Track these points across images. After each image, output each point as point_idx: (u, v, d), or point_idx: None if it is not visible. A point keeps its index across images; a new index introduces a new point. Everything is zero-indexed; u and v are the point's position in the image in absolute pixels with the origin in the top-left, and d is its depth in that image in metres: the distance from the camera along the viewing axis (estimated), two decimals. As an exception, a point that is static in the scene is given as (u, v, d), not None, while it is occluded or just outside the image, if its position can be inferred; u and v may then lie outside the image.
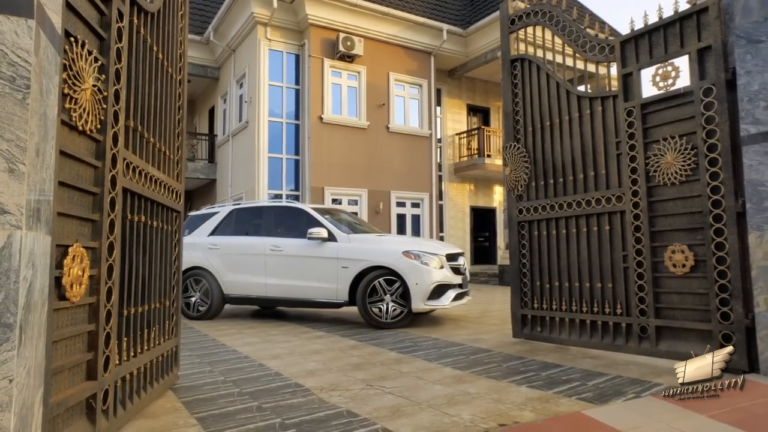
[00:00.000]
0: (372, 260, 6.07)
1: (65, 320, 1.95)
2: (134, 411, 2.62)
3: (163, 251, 3.16)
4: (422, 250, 6.11)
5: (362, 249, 6.25)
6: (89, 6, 2.16)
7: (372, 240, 6.50)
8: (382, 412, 2.75)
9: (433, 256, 6.06)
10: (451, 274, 6.14)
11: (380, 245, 6.29)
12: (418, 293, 5.83)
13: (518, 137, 5.04)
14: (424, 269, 5.90)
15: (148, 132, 2.88)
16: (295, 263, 6.53)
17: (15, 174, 1.36)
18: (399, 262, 5.94)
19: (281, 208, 7.24)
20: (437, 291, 5.95)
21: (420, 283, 5.84)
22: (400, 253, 5.99)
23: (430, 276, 5.88)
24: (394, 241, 6.50)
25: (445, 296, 5.99)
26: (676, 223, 3.84)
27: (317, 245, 6.40)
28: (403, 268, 5.91)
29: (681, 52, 3.83)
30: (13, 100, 1.36)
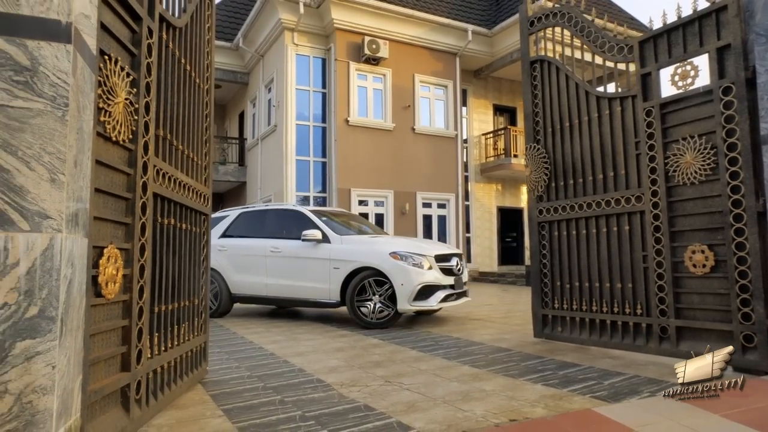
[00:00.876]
0: (361, 261, 6.20)
1: (101, 315, 2.13)
2: (165, 402, 2.80)
3: (191, 252, 3.35)
4: (409, 251, 6.15)
5: (352, 250, 6.38)
6: (122, 25, 2.34)
7: (363, 241, 6.61)
8: (398, 407, 2.86)
9: (421, 257, 6.10)
10: (440, 275, 6.17)
11: (370, 246, 6.39)
12: (404, 294, 5.90)
13: (538, 138, 5.07)
14: (410, 270, 5.96)
15: (177, 140, 3.06)
16: (292, 264, 6.73)
17: (56, 183, 1.53)
18: (385, 263, 6.04)
19: (282, 211, 7.47)
20: (424, 292, 5.99)
21: (405, 283, 5.91)
22: (387, 254, 6.08)
23: (416, 277, 5.93)
24: (385, 242, 6.51)
25: (433, 297, 6.02)
26: (696, 223, 3.82)
27: (312, 246, 6.58)
28: (389, 269, 6.00)
29: (700, 51, 3.81)
30: (54, 117, 1.53)
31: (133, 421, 2.36)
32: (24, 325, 1.45)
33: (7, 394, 1.42)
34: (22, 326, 1.45)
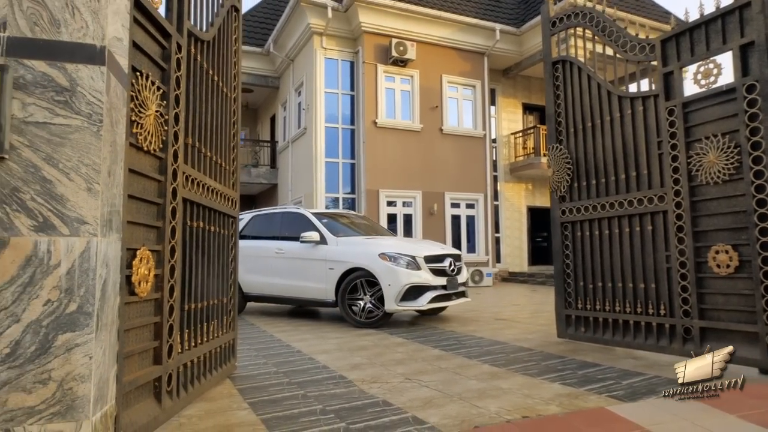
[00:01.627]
0: (353, 262, 6.36)
1: (134, 312, 2.30)
2: (195, 394, 2.98)
3: (220, 253, 3.52)
4: (398, 252, 6.24)
5: (346, 251, 6.55)
6: (153, 43, 2.52)
7: (357, 242, 6.75)
8: (416, 402, 2.96)
9: (409, 258, 6.18)
10: (430, 276, 6.22)
11: (362, 248, 6.52)
12: (391, 294, 5.99)
13: (560, 139, 5.07)
14: (397, 271, 6.06)
15: (205, 147, 3.24)
16: (293, 264, 6.98)
17: (92, 192, 1.69)
18: (374, 263, 6.16)
19: (287, 214, 7.72)
20: (412, 292, 6.06)
21: (393, 284, 6.00)
22: (376, 255, 6.20)
23: (403, 277, 6.01)
24: (377, 243, 6.61)
25: (422, 298, 6.08)
26: (719, 223, 3.78)
27: (311, 248, 6.81)
28: (378, 270, 6.12)
29: (723, 48, 3.77)
30: (90, 132, 1.69)
31: (165, 411, 2.53)
32: (65, 319, 1.62)
33: (50, 381, 1.58)
34: (63, 320, 1.62)
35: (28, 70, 1.65)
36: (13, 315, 1.57)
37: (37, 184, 1.63)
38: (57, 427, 1.57)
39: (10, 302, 1.57)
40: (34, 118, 1.65)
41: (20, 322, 1.58)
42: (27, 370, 1.57)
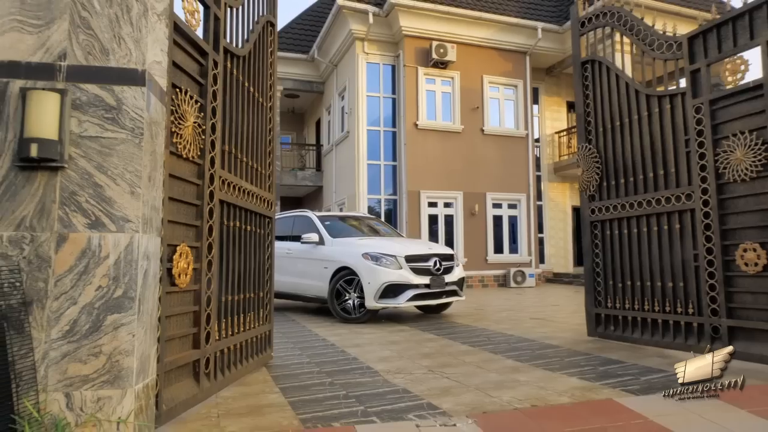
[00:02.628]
0: (341, 261, 6.74)
1: (175, 301, 2.60)
2: (231, 378, 3.27)
3: (256, 251, 3.82)
4: (380, 251, 6.50)
5: (338, 251, 6.93)
6: (191, 61, 2.82)
7: (348, 243, 7.07)
8: (433, 391, 3.13)
9: (390, 257, 6.42)
10: (410, 275, 6.42)
11: (350, 248, 6.85)
12: (370, 292, 6.28)
13: (590, 138, 5.10)
14: (376, 269, 6.33)
15: (241, 153, 3.54)
16: (298, 264, 7.39)
17: (135, 195, 1.98)
18: (358, 262, 6.50)
19: (298, 217, 8.17)
20: (391, 290, 6.30)
21: (372, 282, 6.29)
22: (360, 255, 6.51)
23: (381, 276, 6.28)
24: (365, 243, 6.95)
25: (402, 296, 6.32)
26: (747, 221, 3.74)
27: (312, 248, 7.26)
28: (360, 269, 6.45)
29: (751, 44, 3.73)
30: (133, 144, 1.99)
31: (203, 390, 2.83)
32: (112, 302, 1.91)
33: (101, 354, 1.88)
34: (111, 303, 1.91)
35: (83, 93, 1.96)
36: (71, 298, 1.88)
37: (90, 188, 1.93)
38: (106, 393, 1.87)
39: (69, 287, 1.88)
40: (87, 133, 1.95)
41: (77, 304, 1.88)
42: (82, 344, 1.87)
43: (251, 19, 3.82)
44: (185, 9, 2.75)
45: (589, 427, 2.42)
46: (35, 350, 1.83)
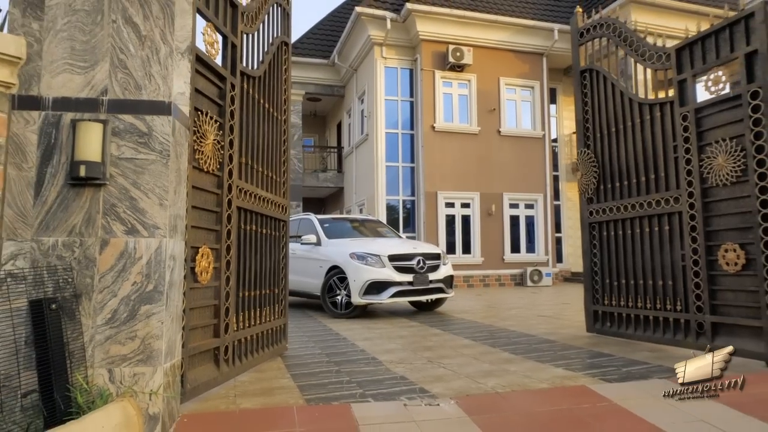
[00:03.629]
0: (333, 261, 7.25)
1: (198, 296, 3.01)
2: (248, 365, 3.67)
3: (271, 251, 4.22)
4: (365, 251, 6.97)
5: (331, 251, 7.45)
6: (211, 86, 3.22)
7: (340, 243, 7.56)
8: (428, 378, 3.47)
9: (374, 256, 6.88)
10: (393, 273, 6.86)
11: (341, 248, 7.33)
12: (355, 288, 6.78)
13: (588, 143, 5.35)
14: (361, 268, 6.82)
15: (257, 163, 3.93)
16: (300, 263, 7.81)
17: (163, 206, 2.38)
18: (345, 262, 7.01)
19: (302, 219, 8.75)
20: (375, 287, 6.76)
21: (357, 279, 6.78)
22: (347, 254, 7.01)
23: (365, 274, 6.76)
24: (354, 244, 7.47)
25: (385, 293, 6.79)
26: (728, 223, 3.97)
27: (311, 248, 7.80)
28: (347, 267, 6.96)
29: (731, 56, 3.95)
30: (161, 164, 2.39)
31: (222, 374, 3.23)
32: (146, 295, 2.32)
33: (136, 337, 2.28)
34: (144, 296, 2.31)
35: (120, 122, 2.37)
36: (112, 292, 2.29)
37: (127, 201, 2.34)
38: (141, 370, 2.27)
39: (110, 283, 2.29)
40: (124, 155, 2.36)
41: (117, 297, 2.29)
42: (121, 329, 2.28)
43: (266, 41, 4.21)
44: (205, 41, 3.15)
45: (556, 408, 2.73)
46: (84, 334, 2.24)
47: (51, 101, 2.33)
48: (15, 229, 2.25)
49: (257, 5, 3.92)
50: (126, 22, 2.41)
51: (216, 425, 2.51)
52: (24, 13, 2.35)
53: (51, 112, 2.32)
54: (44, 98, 2.33)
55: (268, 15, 4.24)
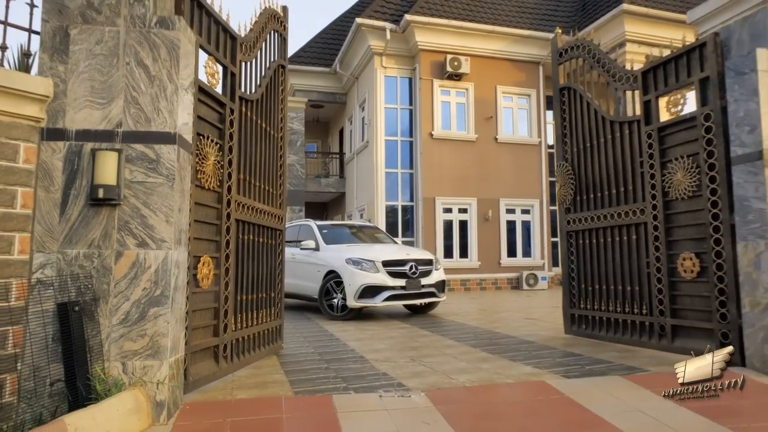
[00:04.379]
0: (330, 265, 7.67)
1: (199, 300, 3.39)
2: (245, 362, 4.05)
3: (268, 258, 4.60)
4: (361, 257, 7.35)
5: (329, 256, 7.86)
6: (212, 111, 3.62)
7: (338, 249, 7.96)
8: (407, 375, 3.84)
9: (369, 262, 7.29)
10: (387, 278, 7.26)
11: (338, 253, 7.74)
12: (351, 292, 7.19)
13: (566, 157, 5.71)
14: (356, 273, 7.22)
15: (255, 179, 4.32)
16: (299, 267, 8.26)
17: (169, 222, 2.77)
18: (342, 267, 7.43)
19: (302, 225, 9.19)
20: (369, 291, 7.17)
21: (352, 284, 7.20)
22: (344, 260, 7.43)
23: (359, 278, 7.18)
24: (350, 249, 7.85)
25: (378, 296, 7.20)
26: (686, 234, 4.32)
27: (310, 253, 8.20)
28: (343, 272, 7.37)
29: (687, 81, 4.31)
30: (167, 186, 2.78)
31: (221, 369, 3.62)
32: (154, 299, 2.70)
33: (146, 335, 2.67)
34: (153, 300, 2.70)
35: (133, 150, 2.76)
36: (125, 296, 2.68)
37: (138, 218, 2.73)
38: (149, 363, 2.65)
39: (123, 288, 2.68)
40: (136, 179, 2.75)
41: (129, 300, 2.68)
42: (133, 329, 2.66)
43: (264, 65, 4.61)
44: (207, 72, 3.55)
45: (513, 400, 3.09)
46: (101, 332, 2.63)
47: (74, 133, 2.73)
48: (43, 242, 2.65)
49: (255, 35, 4.31)
50: (138, 64, 2.81)
51: (213, 412, 2.90)
52: (52, 58, 2.75)
53: (74, 142, 2.72)
54: (68, 130, 2.73)
55: (266, 42, 4.63)
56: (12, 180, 2.60)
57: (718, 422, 2.67)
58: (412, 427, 2.65)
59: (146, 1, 2.85)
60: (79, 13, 2.80)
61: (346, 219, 17.16)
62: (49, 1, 2.78)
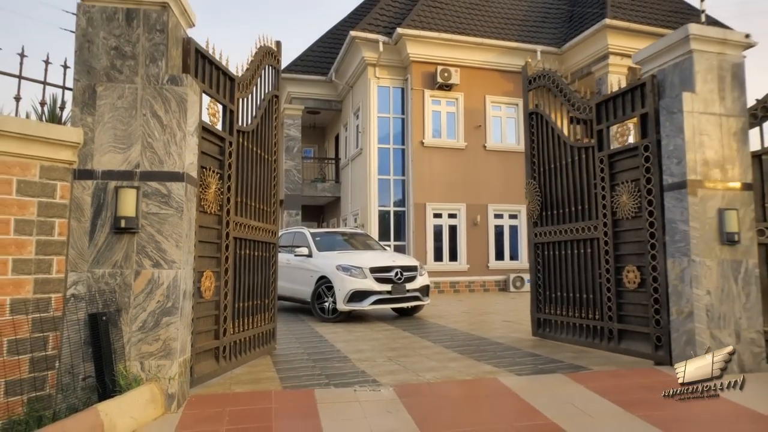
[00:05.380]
0: (321, 271, 8.31)
1: (202, 308, 3.98)
2: (242, 361, 4.64)
3: (262, 269, 5.19)
4: (350, 264, 7.95)
5: (321, 263, 8.49)
6: (213, 146, 4.20)
7: (329, 256, 8.59)
8: (382, 372, 4.43)
9: (357, 268, 7.90)
10: (374, 284, 7.87)
11: (329, 260, 8.36)
12: (340, 297, 7.84)
13: (534, 176, 6.30)
14: (345, 278, 7.85)
15: (250, 200, 4.90)
16: (294, 272, 8.88)
17: (178, 246, 3.36)
18: (332, 273, 8.06)
19: (296, 233, 9.85)
20: (357, 296, 7.80)
21: (341, 289, 7.84)
22: (334, 267, 8.05)
23: (348, 284, 7.81)
24: (340, 256, 8.49)
25: (366, 300, 7.85)
26: (630, 249, 4.91)
27: (304, 260, 8.85)
28: (333, 278, 8.02)
29: (631, 115, 4.90)
30: (177, 217, 3.36)
31: (221, 368, 4.20)
32: (166, 310, 3.29)
33: (159, 340, 3.26)
34: (165, 310, 3.28)
35: (148, 187, 3.34)
36: (142, 308, 3.26)
37: (152, 244, 3.31)
38: (163, 362, 3.24)
39: (141, 301, 3.26)
40: (151, 211, 3.33)
41: (146, 311, 3.26)
42: (149, 334, 3.25)
43: (259, 98, 5.19)
44: (209, 113, 4.14)
45: (465, 393, 3.68)
46: (123, 337, 3.22)
47: (100, 173, 3.31)
48: (76, 264, 3.24)
49: (251, 74, 4.89)
50: (152, 115, 3.39)
51: (214, 403, 3.48)
52: (82, 111, 3.34)
53: (100, 181, 3.31)
54: (96, 171, 3.31)
55: (261, 76, 5.21)
56: (51, 213, 3.18)
57: (628, 410, 3.26)
58: (377, 415, 3.24)
59: (159, 62, 3.43)
60: (104, 73, 3.38)
61: (342, 222, 17.76)
62: (80, 63, 3.36)
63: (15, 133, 2.97)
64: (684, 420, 3.16)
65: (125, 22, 3.42)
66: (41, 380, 3.09)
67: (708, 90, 4.38)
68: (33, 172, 3.12)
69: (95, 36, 3.38)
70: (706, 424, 3.15)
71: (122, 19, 3.42)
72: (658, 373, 4.21)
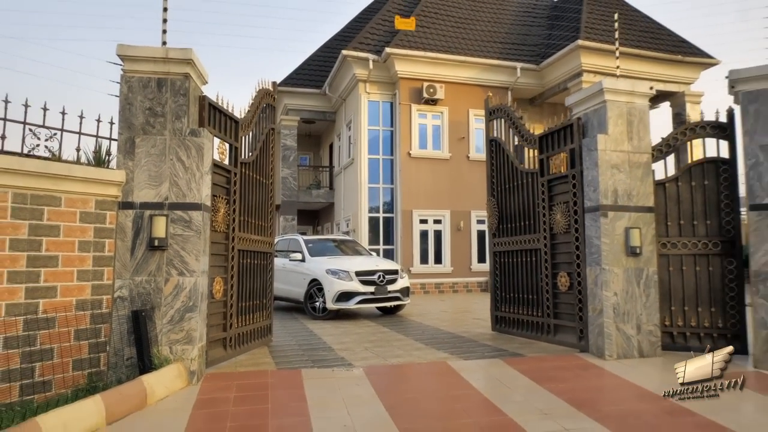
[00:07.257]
0: (313, 274, 9.44)
1: (214, 307, 5.04)
2: (244, 350, 5.70)
3: (261, 275, 6.25)
4: (338, 267, 9.06)
5: (312, 267, 9.60)
6: (222, 177, 5.26)
7: (319, 261, 9.69)
8: (358, 358, 5.49)
9: (344, 272, 9.02)
10: (358, 285, 9.00)
11: (320, 264, 9.48)
12: (329, 297, 9.00)
13: (493, 194, 7.38)
14: (333, 281, 8.98)
15: (251, 217, 5.97)
16: (289, 275, 9.99)
17: (197, 260, 4.42)
18: (322, 275, 9.18)
19: (291, 239, 10.95)
20: (344, 296, 8.93)
21: (330, 290, 8.97)
22: (324, 270, 9.16)
23: (336, 285, 8.94)
24: (329, 261, 9.62)
25: (351, 300, 8.99)
26: (563, 259, 5.99)
27: (297, 264, 9.97)
28: (323, 280, 9.15)
29: (564, 149, 5.98)
30: (196, 237, 4.42)
31: (228, 354, 5.27)
32: (188, 308, 4.34)
33: (183, 330, 4.31)
34: (187, 308, 4.34)
35: (175, 215, 4.40)
36: (171, 306, 4.31)
37: (178, 258, 4.37)
38: (186, 347, 4.29)
39: (170, 301, 4.32)
40: (177, 232, 4.39)
41: (173, 309, 4.32)
42: (176, 326, 4.30)
43: (259, 132, 6.25)
44: (219, 151, 5.20)
45: (418, 372, 4.75)
46: (156, 328, 4.27)
47: (139, 204, 4.37)
48: (121, 273, 4.30)
49: (251, 115, 5.96)
50: (177, 160, 4.45)
51: (224, 379, 4.55)
52: (124, 157, 4.40)
53: (138, 210, 4.37)
54: (135, 203, 4.37)
55: (260, 116, 6.27)
56: (103, 235, 4.25)
57: (539, 384, 4.33)
58: (348, 387, 4.31)
59: (183, 119, 4.49)
60: (141, 128, 4.44)
61: (335, 226, 18.82)
62: (123, 120, 4.42)
63: (79, 177, 4.03)
64: (578, 390, 4.23)
65: (157, 88, 4.49)
66: (96, 360, 4.15)
67: (618, 132, 5.46)
68: (90, 205, 4.18)
69: (134, 99, 4.45)
70: (593, 391, 4.22)
71: (155, 86, 4.48)
72: (576, 358, 5.29)
